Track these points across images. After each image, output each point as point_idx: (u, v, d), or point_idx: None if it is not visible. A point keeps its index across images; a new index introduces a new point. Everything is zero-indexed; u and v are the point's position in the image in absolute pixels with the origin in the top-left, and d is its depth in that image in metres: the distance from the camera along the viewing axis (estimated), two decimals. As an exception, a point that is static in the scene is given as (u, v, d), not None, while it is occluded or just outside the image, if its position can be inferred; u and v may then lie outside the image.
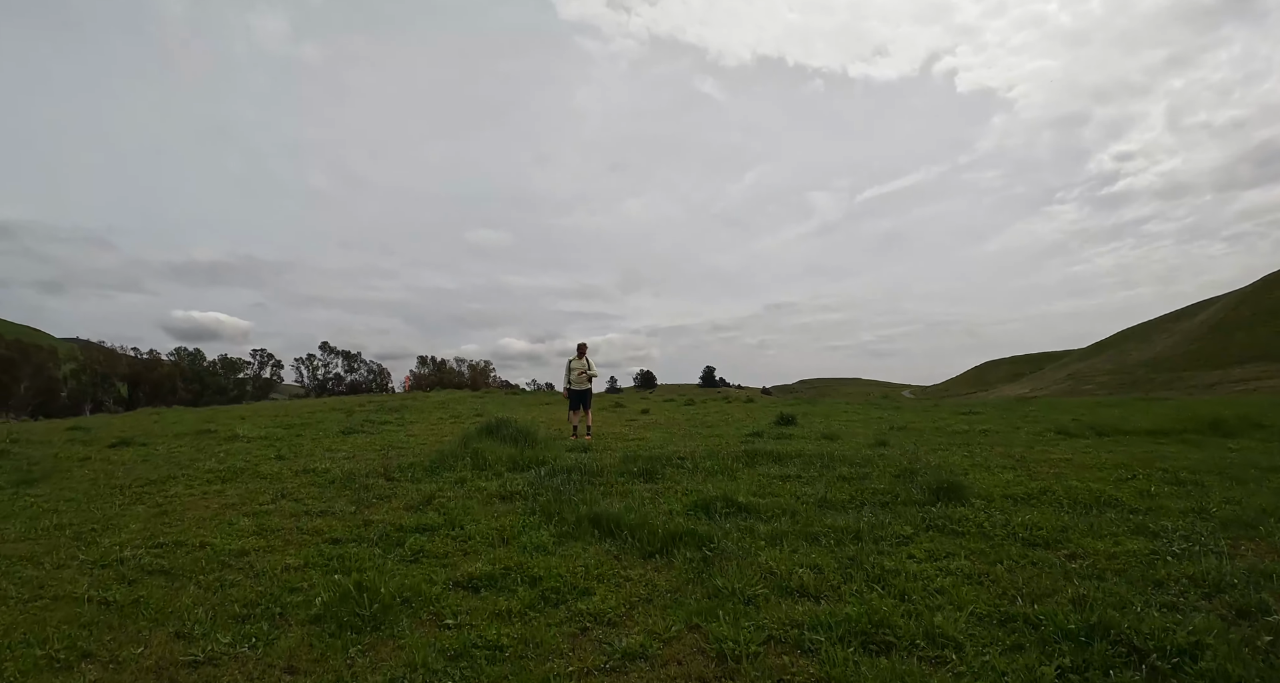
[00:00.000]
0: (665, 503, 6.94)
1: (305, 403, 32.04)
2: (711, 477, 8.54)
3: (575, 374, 14.77)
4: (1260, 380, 67.60)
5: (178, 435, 16.51)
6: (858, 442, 12.62)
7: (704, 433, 14.86)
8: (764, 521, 6.30)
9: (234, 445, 13.96)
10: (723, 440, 13.13)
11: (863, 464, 9.23)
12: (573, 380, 14.81)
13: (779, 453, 9.96)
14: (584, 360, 14.87)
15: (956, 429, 14.77)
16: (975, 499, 7.14)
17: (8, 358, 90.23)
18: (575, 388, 14.78)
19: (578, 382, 14.75)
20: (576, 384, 14.76)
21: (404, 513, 7.13)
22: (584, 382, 14.76)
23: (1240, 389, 62.21)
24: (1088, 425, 14.32)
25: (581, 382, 14.74)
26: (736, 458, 9.71)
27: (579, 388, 14.77)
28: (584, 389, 14.79)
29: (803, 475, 8.54)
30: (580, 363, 14.82)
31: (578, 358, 14.92)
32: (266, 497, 8.43)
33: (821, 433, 13.75)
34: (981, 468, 9.36)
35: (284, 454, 12.24)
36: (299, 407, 27.64)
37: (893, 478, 8.15)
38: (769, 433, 13.98)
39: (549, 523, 6.31)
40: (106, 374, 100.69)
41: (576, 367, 14.80)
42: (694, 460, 9.47)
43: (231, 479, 9.90)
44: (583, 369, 14.77)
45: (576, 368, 14.79)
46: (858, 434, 14.13)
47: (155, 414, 28.10)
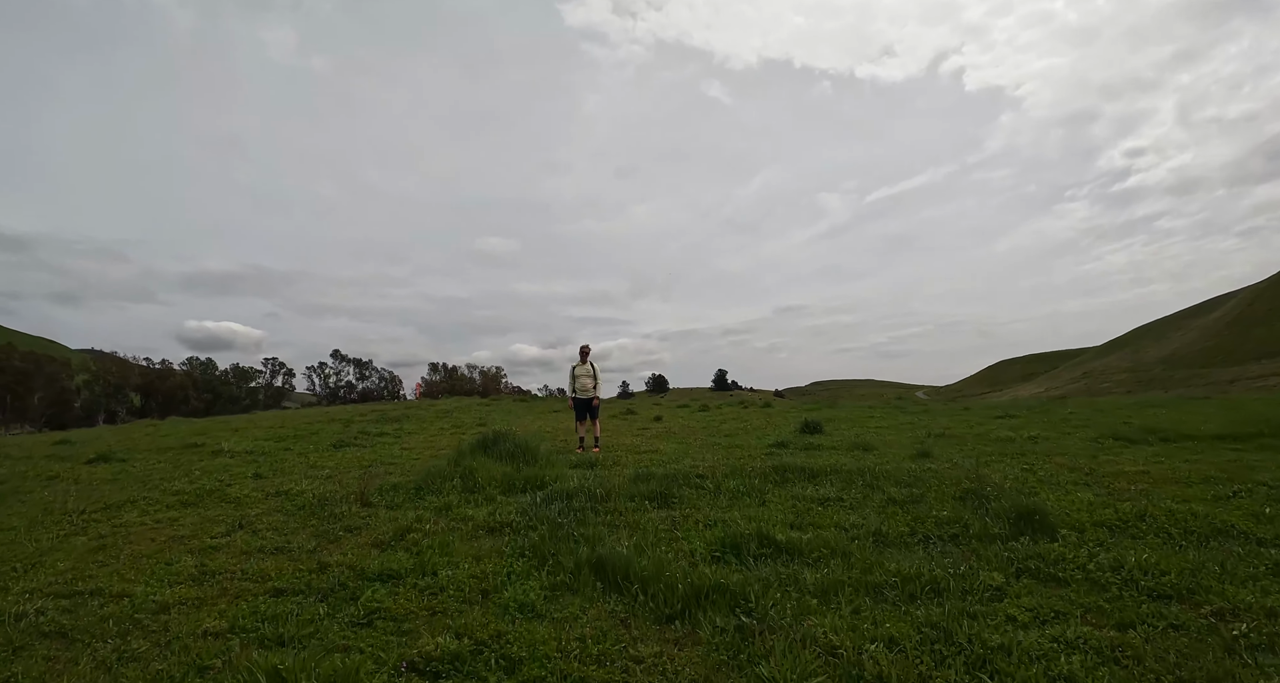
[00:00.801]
0: (685, 540, 5.66)
1: (305, 413, 30.93)
2: (737, 500, 7.29)
3: (579, 381, 13.57)
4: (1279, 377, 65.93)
5: (162, 450, 15.46)
6: (896, 453, 11.32)
7: (723, 444, 13.58)
8: (810, 564, 5.04)
9: (215, 462, 12.85)
10: (744, 453, 11.87)
11: (912, 483, 7.96)
12: (577, 389, 13.61)
13: (811, 469, 8.70)
14: (588, 365, 13.68)
15: (1000, 436, 13.44)
16: (1063, 530, 5.88)
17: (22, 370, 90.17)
18: (580, 396, 13.57)
19: (582, 389, 13.55)
20: (581, 392, 13.55)
21: (370, 552, 5.92)
22: (589, 389, 13.57)
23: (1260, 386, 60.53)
24: (1145, 430, 12.97)
25: (586, 389, 13.55)
26: (764, 476, 8.47)
27: (584, 396, 13.56)
28: (589, 398, 13.59)
29: (844, 498, 7.27)
30: (584, 368, 13.64)
31: (581, 363, 13.74)
32: (223, 527, 7.29)
33: (853, 442, 12.45)
34: (1050, 485, 8.10)
35: (263, 472, 11.11)
36: (298, 417, 26.52)
37: (955, 502, 6.88)
38: (794, 443, 12.70)
39: (541, 568, 5.07)
40: (119, 385, 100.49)
41: (580, 373, 13.61)
42: (715, 479, 8.23)
43: (194, 504, 8.77)
44: (587, 375, 13.57)
45: (580, 374, 13.61)
46: (892, 443, 12.83)
47: (151, 426, 27.12)
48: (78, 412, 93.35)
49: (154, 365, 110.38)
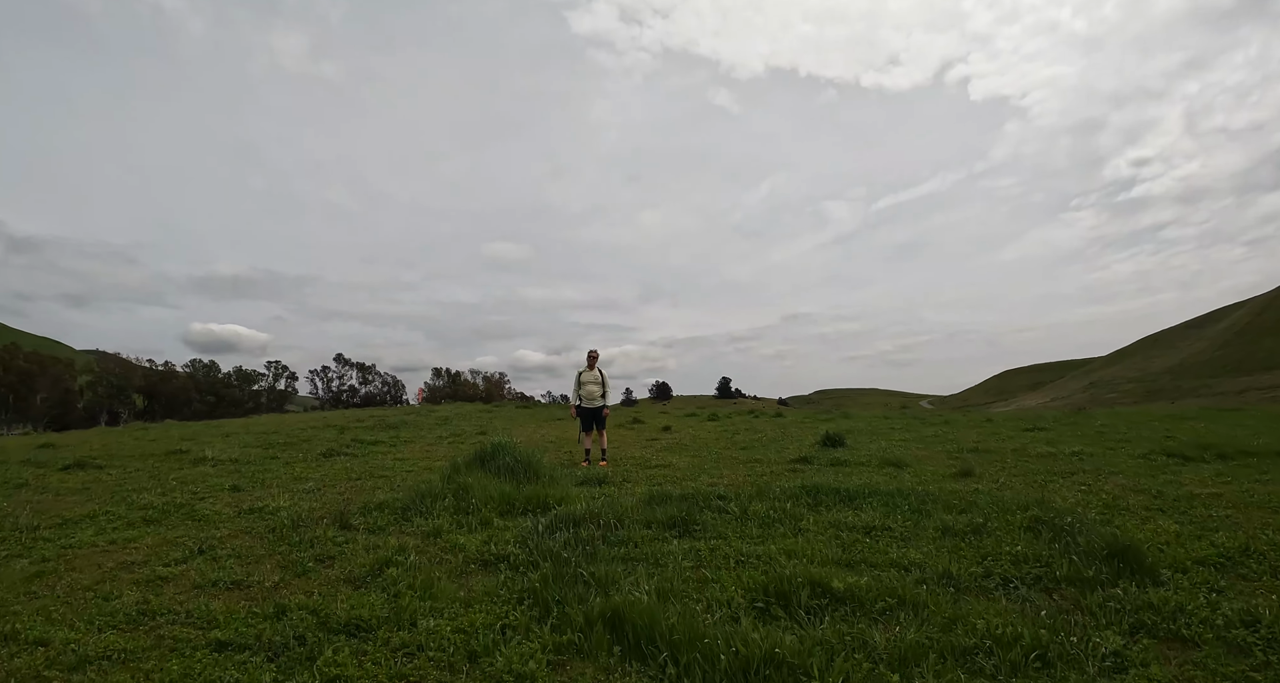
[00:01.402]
0: (717, 583, 4.68)
1: (301, 418, 30.00)
2: (769, 528, 6.34)
3: (586, 389, 12.64)
4: None
5: (145, 456, 14.59)
6: (933, 471, 10.36)
7: (739, 457, 12.62)
8: (875, 619, 4.07)
9: (195, 471, 11.95)
10: (765, 469, 10.92)
11: (965, 508, 7.01)
12: (583, 397, 12.67)
13: (847, 490, 7.75)
14: (595, 372, 12.73)
15: (1039, 451, 12.46)
16: (1164, 569, 4.93)
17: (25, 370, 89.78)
18: (586, 405, 12.63)
19: (589, 398, 12.61)
20: (587, 401, 12.62)
21: (340, 591, 4.98)
22: (596, 398, 12.62)
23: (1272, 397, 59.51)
24: (1196, 446, 11.96)
25: (593, 398, 12.60)
26: (794, 498, 7.52)
27: (590, 405, 12.62)
28: (596, 407, 12.64)
29: (892, 527, 6.32)
30: (591, 375, 12.70)
31: (588, 369, 12.79)
32: (181, 551, 6.39)
33: (882, 458, 11.47)
34: (1120, 511, 7.15)
35: (242, 484, 10.21)
36: (293, 422, 25.61)
37: (1024, 533, 5.92)
38: (818, 458, 11.73)
39: (543, 620, 4.11)
40: (122, 386, 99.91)
41: (587, 379, 12.67)
42: (740, 501, 7.28)
43: (158, 521, 7.88)
44: (594, 382, 12.63)
45: (587, 381, 12.66)
46: (924, 459, 11.87)
47: (142, 430, 26.24)
48: (80, 413, 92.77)
49: (157, 367, 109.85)
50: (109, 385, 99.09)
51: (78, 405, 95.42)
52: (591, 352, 12.86)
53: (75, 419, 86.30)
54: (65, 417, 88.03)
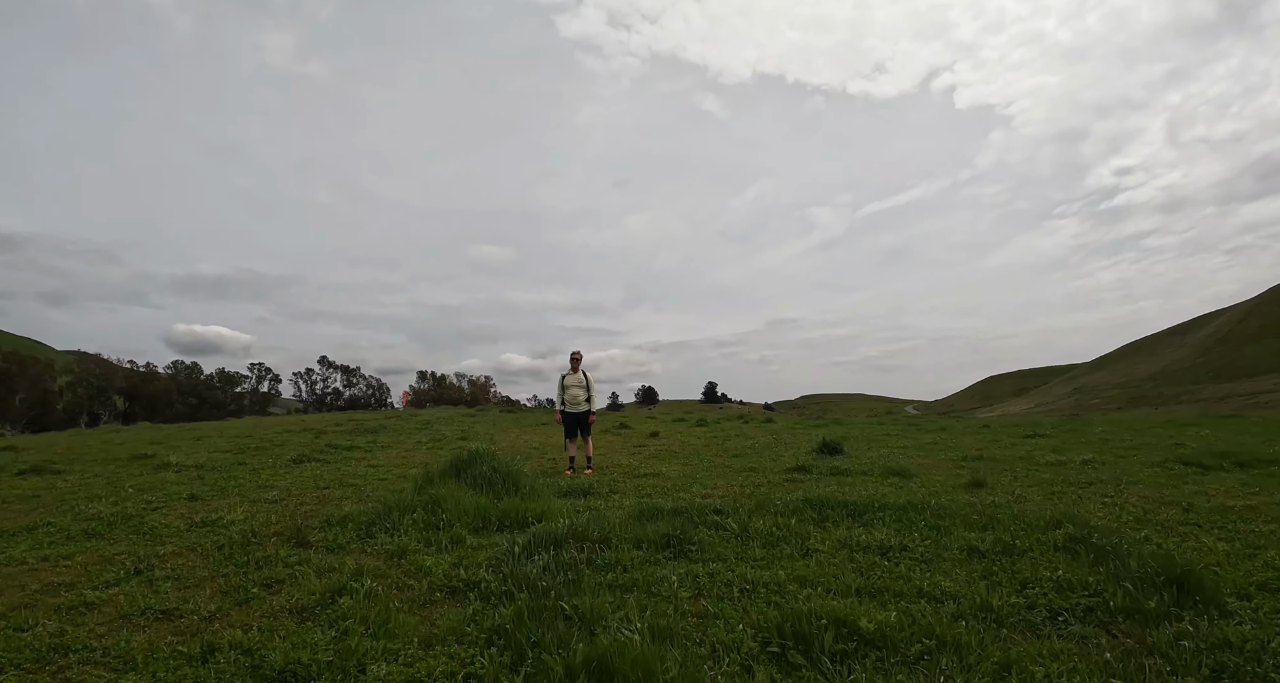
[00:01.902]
0: (721, 622, 3.99)
1: (279, 421, 29.11)
2: (773, 548, 5.68)
3: (570, 393, 11.96)
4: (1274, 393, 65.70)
5: (107, 461, 13.84)
6: (941, 481, 9.75)
7: (733, 466, 11.96)
8: (913, 666, 3.41)
9: (155, 478, 11.21)
10: (761, 478, 10.28)
11: (986, 523, 6.39)
12: (566, 401, 11.98)
13: (854, 504, 7.10)
14: (579, 375, 12.03)
15: (1047, 460, 11.88)
16: (1228, 597, 4.32)
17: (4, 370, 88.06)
18: (570, 409, 11.95)
19: (573, 402, 11.93)
20: (571, 405, 11.94)
21: (283, 625, 4.29)
22: (581, 402, 11.92)
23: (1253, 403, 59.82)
24: (1211, 454, 11.41)
25: (577, 402, 11.91)
26: (796, 512, 6.87)
27: (575, 409, 11.93)
28: (581, 412, 11.94)
29: (911, 547, 5.67)
30: (575, 378, 12.00)
31: (571, 372, 12.08)
32: (117, 571, 5.68)
33: (885, 467, 10.84)
34: (1155, 526, 6.58)
35: (201, 493, 9.49)
36: (269, 425, 24.74)
37: (1061, 554, 5.28)
38: (816, 466, 11.07)
39: (516, 668, 3.40)
40: (103, 387, 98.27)
41: (571, 383, 11.99)
42: (739, 517, 6.63)
43: (102, 534, 7.17)
44: (579, 385, 11.96)
45: (571, 384, 11.99)
46: (928, 468, 11.27)
47: (114, 431, 25.36)
48: (60, 414, 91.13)
49: (139, 369, 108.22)
50: (89, 387, 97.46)
51: (57, 407, 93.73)
52: (574, 353, 12.14)
53: (55, 420, 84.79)
54: (44, 418, 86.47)
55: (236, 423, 29.23)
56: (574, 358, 12.09)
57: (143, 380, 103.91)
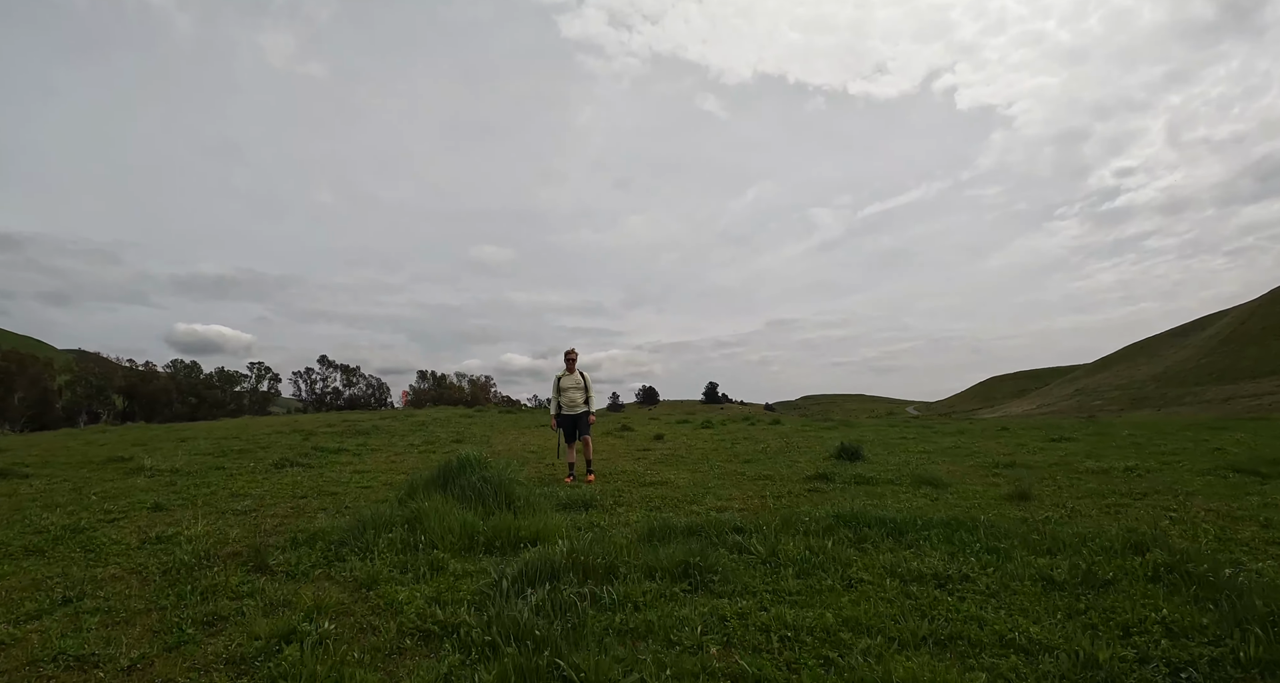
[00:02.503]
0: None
1: (271, 421, 28.19)
2: (810, 577, 4.82)
3: (565, 394, 11.00)
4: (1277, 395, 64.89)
5: (81, 464, 13.03)
6: (979, 492, 8.86)
7: (746, 473, 11.07)
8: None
9: (124, 484, 10.40)
10: (779, 487, 9.41)
11: (1051, 546, 5.51)
12: (563, 403, 11.02)
13: (892, 521, 6.24)
14: (576, 375, 11.08)
15: (1087, 467, 10.99)
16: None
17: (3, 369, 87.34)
18: (566, 412, 11.02)
19: (569, 404, 10.98)
20: (568, 407, 11.00)
21: (214, 680, 3.46)
22: (578, 404, 11.00)
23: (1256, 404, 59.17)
24: (1265, 460, 10.52)
25: (574, 404, 10.98)
26: (828, 530, 6.02)
27: (571, 412, 10.99)
28: (579, 414, 10.99)
29: (972, 577, 4.80)
30: (571, 378, 11.04)
31: (567, 372, 11.11)
32: (45, 598, 4.89)
33: (914, 475, 9.95)
34: (1242, 547, 5.70)
35: (168, 502, 8.66)
36: (258, 426, 23.84)
37: (1157, 587, 4.41)
38: (838, 475, 10.17)
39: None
40: (102, 386, 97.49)
41: (567, 384, 11.02)
42: (764, 536, 5.78)
43: (43, 551, 6.39)
44: (575, 387, 11.02)
45: (567, 385, 11.02)
46: (959, 476, 10.39)
47: (100, 432, 24.56)
48: (59, 413, 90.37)
49: (138, 368, 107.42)
50: (88, 386, 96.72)
51: (56, 406, 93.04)
52: (569, 352, 11.15)
53: (54, 420, 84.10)
54: (43, 417, 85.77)
55: (227, 423, 28.38)
56: (569, 357, 11.12)
57: (142, 380, 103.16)
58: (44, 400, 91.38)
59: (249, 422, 28.36)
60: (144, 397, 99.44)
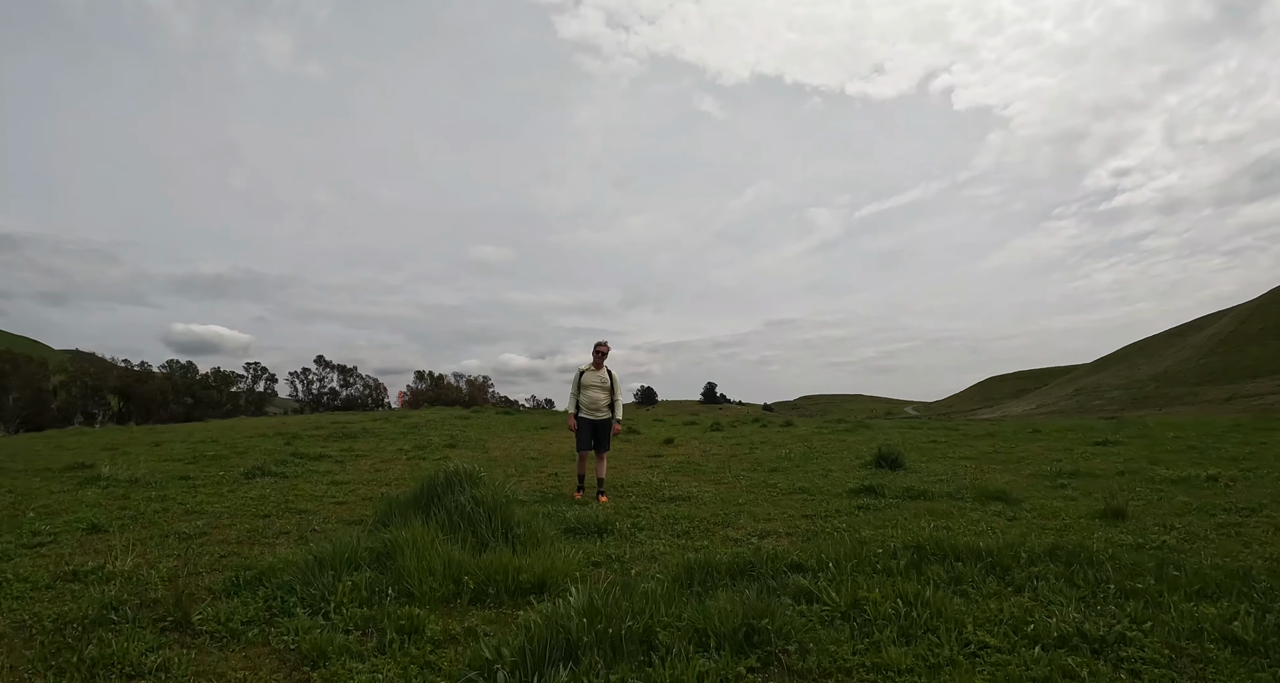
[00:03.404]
0: None
1: (257, 423, 26.77)
2: (912, 644, 3.54)
3: (588, 393, 9.30)
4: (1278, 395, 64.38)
5: (38, 471, 11.82)
6: (1059, 508, 7.55)
7: (777, 485, 9.73)
8: None
9: (73, 496, 9.16)
10: (822, 504, 8.11)
11: (1206, 590, 4.25)
12: (584, 404, 9.30)
13: (988, 552, 4.98)
14: (603, 372, 9.41)
15: (1162, 475, 9.72)
16: None
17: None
18: (588, 416, 9.29)
19: (591, 406, 9.28)
20: (590, 410, 9.28)
21: None
22: (602, 407, 9.32)
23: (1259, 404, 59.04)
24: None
25: (598, 406, 9.29)
26: (912, 568, 4.75)
27: (595, 416, 9.28)
28: (602, 420, 9.32)
29: (1127, 636, 3.53)
30: (597, 376, 9.37)
31: (593, 368, 9.41)
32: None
33: (976, 489, 8.60)
34: None
35: (107, 522, 7.42)
36: (244, 428, 22.45)
37: None
38: (886, 487, 8.71)
39: None
40: (97, 387, 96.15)
41: (591, 381, 9.32)
42: (834, 579, 4.50)
43: (-69, 590, 5.06)
44: (601, 385, 9.35)
45: (591, 383, 9.32)
46: (1019, 486, 9.11)
47: (78, 434, 23.36)
48: (54, 414, 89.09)
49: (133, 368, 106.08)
50: (83, 386, 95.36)
51: (51, 406, 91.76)
52: (600, 345, 9.43)
53: (49, 420, 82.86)
54: (38, 417, 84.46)
55: (210, 425, 27.06)
56: (599, 351, 9.41)
57: (137, 380, 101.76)
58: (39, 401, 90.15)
59: (235, 424, 27.03)
60: (139, 397, 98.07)
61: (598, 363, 9.38)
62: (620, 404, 9.43)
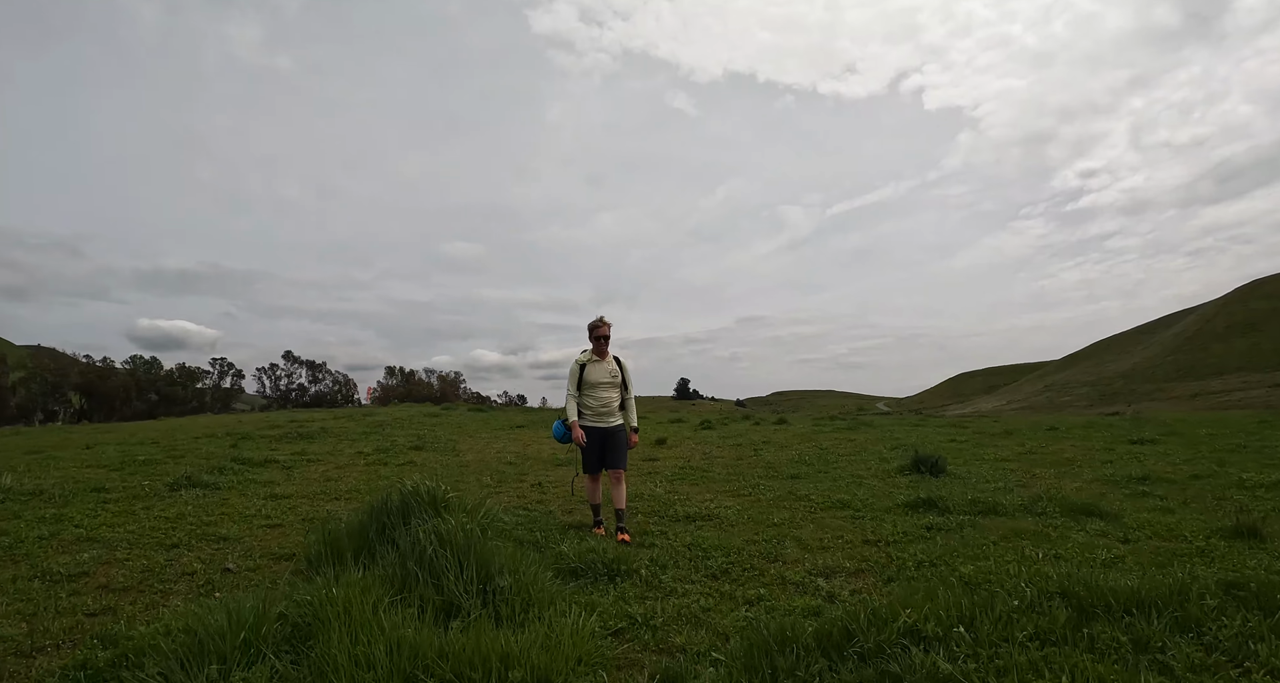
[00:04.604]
0: None
1: (209, 422, 24.49)
2: None
3: (594, 394, 6.62)
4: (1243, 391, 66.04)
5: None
6: (1166, 526, 6.11)
7: (811, 498, 8.00)
8: None
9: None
10: (877, 523, 6.54)
11: None
12: (589, 406, 6.63)
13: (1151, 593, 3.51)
14: (611, 363, 6.73)
15: (1250, 481, 8.35)
16: None
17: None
18: (593, 423, 6.62)
19: (599, 409, 6.61)
20: (596, 414, 6.62)
21: None
22: (613, 410, 6.68)
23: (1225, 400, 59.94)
24: None
25: (607, 409, 6.64)
26: (1073, 629, 3.26)
27: (602, 423, 6.62)
28: (613, 427, 6.64)
29: None
30: (603, 368, 6.68)
31: (595, 357, 6.71)
32: None
33: (1063, 502, 7.05)
34: None
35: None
36: (191, 427, 20.34)
37: None
38: (945, 501, 6.96)
39: None
40: (58, 383, 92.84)
41: (596, 377, 6.63)
42: (975, 650, 3.00)
43: None
44: (610, 381, 6.67)
45: (595, 377, 6.63)
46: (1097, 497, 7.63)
47: (13, 434, 21.31)
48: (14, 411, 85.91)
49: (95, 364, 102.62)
50: (44, 383, 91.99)
51: (10, 403, 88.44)
52: (598, 325, 6.71)
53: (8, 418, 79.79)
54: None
55: (158, 424, 25.06)
56: (599, 334, 6.66)
57: (99, 376, 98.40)
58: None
59: (185, 422, 24.99)
60: (101, 394, 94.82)
61: (601, 349, 6.68)
62: (634, 405, 6.83)
